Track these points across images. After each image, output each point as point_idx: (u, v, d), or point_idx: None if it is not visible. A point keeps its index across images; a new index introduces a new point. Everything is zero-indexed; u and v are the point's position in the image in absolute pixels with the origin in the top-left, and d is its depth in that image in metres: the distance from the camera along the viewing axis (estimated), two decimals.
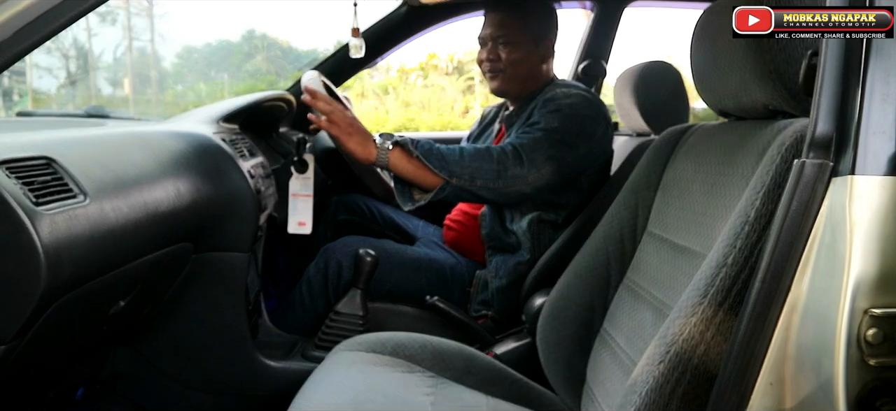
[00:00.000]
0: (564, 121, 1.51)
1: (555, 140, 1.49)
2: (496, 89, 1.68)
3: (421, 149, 1.42)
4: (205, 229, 1.29)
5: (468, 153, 1.45)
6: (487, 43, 1.66)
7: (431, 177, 1.42)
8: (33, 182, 0.83)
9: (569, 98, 1.56)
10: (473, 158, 1.44)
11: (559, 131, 1.50)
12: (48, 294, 0.80)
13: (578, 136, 1.52)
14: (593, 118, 1.56)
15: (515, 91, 1.67)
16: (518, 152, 1.46)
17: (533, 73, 1.65)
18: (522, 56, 1.63)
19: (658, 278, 1.01)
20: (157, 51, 11.98)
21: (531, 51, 1.64)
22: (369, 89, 11.73)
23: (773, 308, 0.64)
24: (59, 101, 10.53)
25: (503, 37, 1.62)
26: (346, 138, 1.39)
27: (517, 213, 1.62)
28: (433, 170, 1.41)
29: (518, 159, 1.45)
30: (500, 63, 1.63)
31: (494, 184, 1.45)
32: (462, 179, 1.43)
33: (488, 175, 1.44)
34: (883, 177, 0.61)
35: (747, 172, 0.82)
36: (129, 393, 1.43)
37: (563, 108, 1.53)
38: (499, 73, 1.65)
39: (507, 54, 1.62)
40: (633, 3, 2.33)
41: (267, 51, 11.66)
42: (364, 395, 1.01)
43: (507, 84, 1.66)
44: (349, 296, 1.51)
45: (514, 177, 1.45)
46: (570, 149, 1.50)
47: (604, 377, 1.06)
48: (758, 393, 0.64)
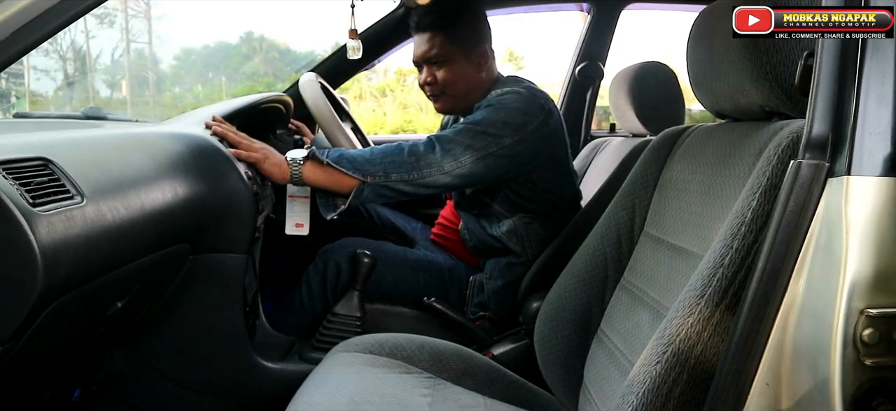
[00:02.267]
0: (488, 114, 1.49)
1: (475, 131, 1.47)
2: (442, 110, 1.68)
3: (331, 156, 1.43)
4: (202, 230, 1.28)
5: (379, 152, 1.45)
6: (422, 66, 1.64)
7: (347, 180, 1.42)
8: (30, 183, 0.82)
9: (501, 95, 1.54)
10: (385, 156, 1.44)
11: (481, 123, 1.48)
12: (45, 295, 0.80)
13: (503, 126, 1.48)
14: (523, 110, 1.51)
15: (461, 107, 1.65)
16: (432, 142, 1.46)
17: (472, 86, 1.62)
18: (457, 73, 1.60)
19: (655, 279, 1.01)
20: (154, 53, 11.96)
21: (464, 65, 1.61)
22: (367, 91, 11.72)
23: (769, 308, 0.64)
24: (56, 103, 10.51)
25: (434, 57, 1.60)
26: (261, 163, 1.42)
27: (493, 220, 1.62)
28: (346, 173, 1.41)
29: (431, 149, 1.45)
30: (438, 85, 1.61)
31: (410, 176, 1.44)
32: (376, 177, 1.42)
33: (402, 169, 1.44)
34: (879, 177, 0.61)
35: (744, 173, 0.83)
36: (127, 395, 1.43)
37: (493, 103, 1.52)
38: (440, 95, 1.63)
39: (443, 74, 1.60)
40: (630, 5, 2.34)
41: (265, 53, 11.66)
42: (362, 396, 1.01)
43: (451, 103, 1.64)
44: (347, 298, 1.51)
45: (428, 165, 1.44)
46: (491, 138, 1.47)
47: (601, 378, 1.07)
48: (754, 392, 0.64)
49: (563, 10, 2.55)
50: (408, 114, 11.03)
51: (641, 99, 1.80)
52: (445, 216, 1.85)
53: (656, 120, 1.78)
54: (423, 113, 10.81)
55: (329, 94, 1.76)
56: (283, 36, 14.44)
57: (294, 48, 12.27)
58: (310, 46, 15.03)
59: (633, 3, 2.34)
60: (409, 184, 1.45)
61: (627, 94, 1.82)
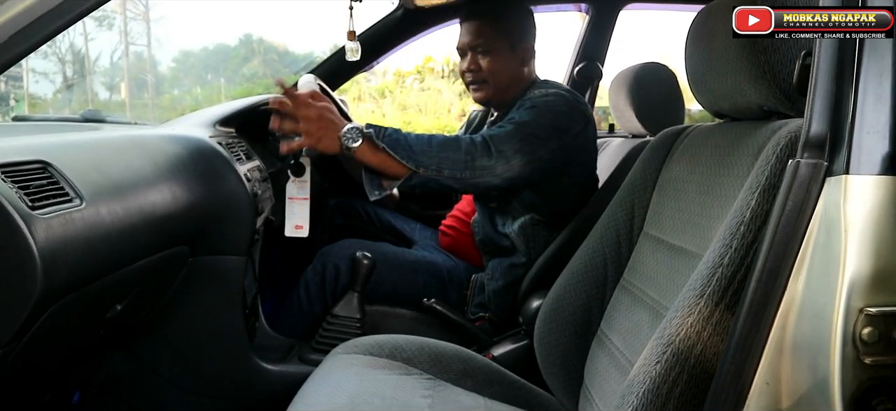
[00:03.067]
0: (536, 116, 1.50)
1: (525, 133, 1.47)
2: (480, 99, 1.68)
3: (388, 139, 1.39)
4: (201, 232, 1.28)
5: (437, 142, 1.43)
6: (466, 53, 1.64)
7: (399, 167, 1.39)
8: (29, 186, 0.82)
9: (545, 96, 1.55)
10: (441, 148, 1.42)
11: (530, 125, 1.48)
12: (44, 297, 0.80)
13: (551, 130, 1.50)
14: (568, 114, 1.54)
15: (498, 99, 1.66)
16: (487, 143, 1.44)
17: (514, 79, 1.64)
18: (502, 64, 1.61)
19: (654, 279, 1.01)
20: (153, 55, 11.96)
21: (509, 56, 1.62)
22: (366, 93, 11.73)
23: (769, 307, 0.64)
24: (55, 106, 10.52)
25: (481, 46, 1.61)
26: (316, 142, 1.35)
27: (508, 217, 1.62)
28: (400, 161, 1.38)
29: (486, 150, 1.43)
30: (481, 73, 1.62)
31: (462, 175, 1.42)
32: (429, 170, 1.40)
33: (456, 166, 1.41)
34: (877, 176, 0.61)
35: (743, 173, 0.83)
36: (126, 397, 1.43)
37: (538, 105, 1.52)
38: (481, 84, 1.64)
39: (488, 63, 1.61)
40: (628, 5, 2.34)
41: (263, 55, 11.67)
42: (361, 398, 1.01)
43: (490, 93, 1.65)
44: (346, 299, 1.51)
45: (481, 167, 1.43)
46: (540, 142, 1.48)
47: (601, 378, 1.07)
48: (754, 392, 0.64)
49: (561, 11, 2.55)
50: (407, 115, 11.03)
51: (641, 99, 1.80)
52: (461, 209, 1.84)
53: (656, 120, 1.78)
54: (422, 114, 10.82)
55: (328, 96, 1.76)
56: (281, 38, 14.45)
57: (293, 50, 12.28)
58: (308, 48, 15.02)
59: (631, 3, 2.35)
60: (458, 182, 1.43)
61: (627, 94, 1.82)
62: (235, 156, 1.40)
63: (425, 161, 1.39)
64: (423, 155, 1.40)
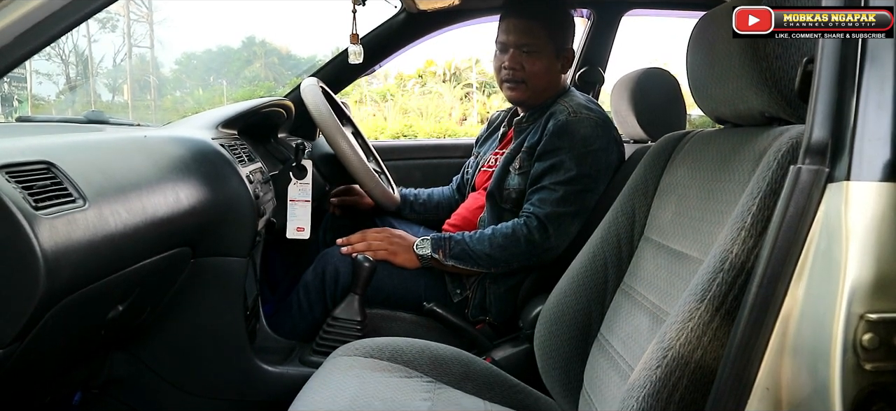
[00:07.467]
0: (581, 165, 1.51)
1: (576, 192, 1.51)
2: (514, 99, 1.67)
3: (452, 255, 1.53)
4: (203, 234, 1.29)
5: (497, 245, 1.52)
6: (509, 50, 1.61)
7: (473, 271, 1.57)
8: (33, 186, 0.83)
9: (581, 126, 1.54)
10: (504, 249, 1.52)
11: (578, 181, 1.51)
12: (47, 298, 0.81)
13: (597, 177, 1.54)
14: (606, 149, 1.56)
15: (532, 102, 1.66)
16: (543, 225, 1.50)
17: (552, 84, 1.64)
18: (545, 67, 1.61)
19: (655, 283, 1.02)
20: (156, 57, 12.01)
21: (553, 61, 1.62)
22: (368, 96, 11.75)
23: (769, 313, 0.64)
24: (58, 107, 10.54)
25: (528, 46, 1.59)
26: (393, 257, 1.56)
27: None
28: (473, 269, 1.55)
29: (544, 233, 1.51)
30: (522, 72, 1.61)
31: (530, 263, 1.54)
32: (499, 267, 1.54)
33: (522, 257, 1.53)
34: (878, 182, 0.61)
35: (744, 178, 0.83)
36: (127, 398, 1.43)
37: (577, 145, 1.52)
38: (520, 84, 1.62)
39: (531, 65, 1.59)
40: (630, 11, 2.34)
41: (266, 57, 11.70)
42: (362, 400, 1.01)
43: (526, 95, 1.64)
44: (347, 302, 1.51)
45: (545, 250, 1.53)
46: (590, 193, 1.53)
47: (601, 382, 1.07)
48: (754, 397, 0.64)
49: None
50: (408, 118, 11.05)
51: (643, 105, 1.80)
52: (465, 212, 1.83)
53: (657, 126, 1.78)
54: (423, 118, 10.83)
55: (330, 99, 1.77)
56: (284, 41, 14.49)
57: (295, 53, 12.33)
58: (311, 51, 15.05)
59: (633, 8, 2.35)
60: (528, 266, 1.56)
61: (629, 99, 1.82)
62: (238, 158, 1.40)
63: (495, 264, 1.54)
64: (490, 260, 1.53)
